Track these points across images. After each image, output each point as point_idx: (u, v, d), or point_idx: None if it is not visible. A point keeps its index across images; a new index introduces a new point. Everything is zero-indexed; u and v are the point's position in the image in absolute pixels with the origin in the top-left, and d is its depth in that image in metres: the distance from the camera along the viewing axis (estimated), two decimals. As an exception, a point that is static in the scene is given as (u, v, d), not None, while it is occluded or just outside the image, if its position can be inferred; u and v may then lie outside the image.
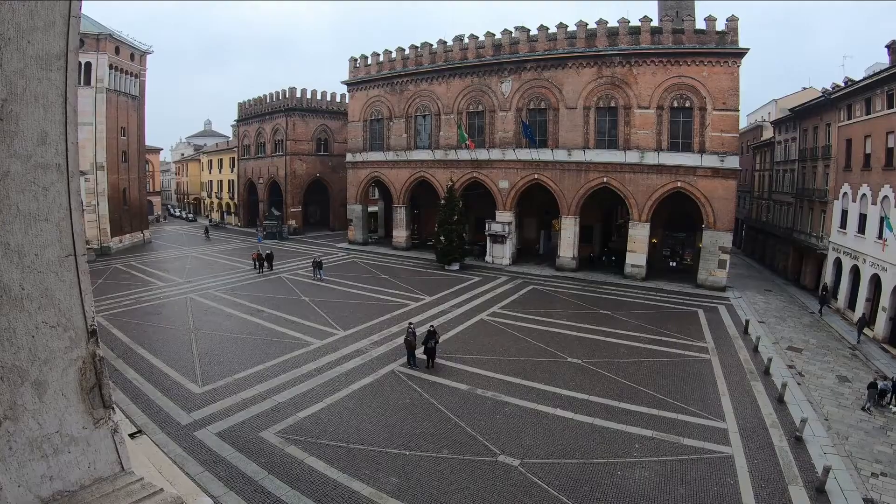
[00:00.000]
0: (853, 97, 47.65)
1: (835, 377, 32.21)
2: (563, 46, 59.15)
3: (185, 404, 24.74)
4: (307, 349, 32.87)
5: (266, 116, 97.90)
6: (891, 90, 40.83)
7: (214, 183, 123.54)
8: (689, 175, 54.16)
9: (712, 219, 53.41)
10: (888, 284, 39.40)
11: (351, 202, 79.36)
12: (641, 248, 57.45)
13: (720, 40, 52.35)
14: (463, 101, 66.21)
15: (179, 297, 46.05)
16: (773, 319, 45.32)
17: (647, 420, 24.65)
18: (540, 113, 61.62)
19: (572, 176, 59.58)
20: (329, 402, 25.47)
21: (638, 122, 56.04)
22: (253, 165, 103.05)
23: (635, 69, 55.79)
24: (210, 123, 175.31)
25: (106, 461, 3.40)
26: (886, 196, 40.37)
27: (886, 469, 21.78)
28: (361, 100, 76.40)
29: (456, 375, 29.33)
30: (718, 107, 52.96)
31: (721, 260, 53.93)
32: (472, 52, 64.96)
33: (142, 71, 79.10)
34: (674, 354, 34.33)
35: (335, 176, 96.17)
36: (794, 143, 65.17)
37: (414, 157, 70.84)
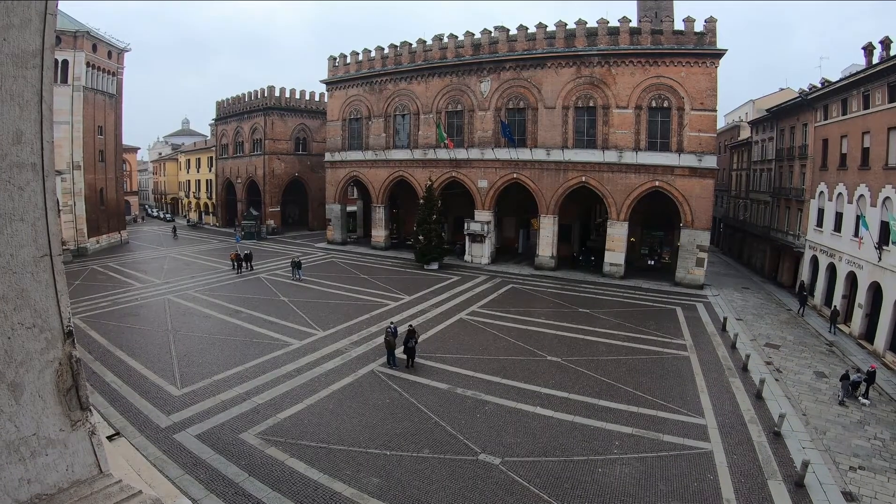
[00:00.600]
0: (830, 98, 48.18)
1: (812, 373, 32.51)
2: (542, 46, 59.19)
3: (164, 407, 24.33)
4: (286, 350, 32.51)
5: (244, 115, 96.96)
6: (867, 91, 41.27)
7: (192, 182, 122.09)
8: (667, 174, 54.48)
9: (690, 217, 53.72)
10: (864, 282, 39.84)
11: (329, 202, 78.77)
12: (620, 247, 57.64)
13: (698, 41, 52.68)
14: (442, 100, 66.04)
15: (157, 299, 45.36)
16: (751, 317, 45.70)
17: (627, 417, 24.70)
18: (519, 112, 61.62)
19: (551, 175, 59.63)
20: (309, 402, 25.20)
21: (616, 122, 56.23)
22: (231, 165, 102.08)
23: (614, 69, 55.95)
24: (188, 122, 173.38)
25: (84, 464, 3.34)
26: (862, 195, 40.85)
27: (864, 463, 21.96)
28: (340, 99, 75.94)
29: (436, 375, 29.19)
30: (696, 107, 53.30)
31: (699, 258, 54.27)
32: (452, 51, 64.82)
33: (119, 69, 77.81)
34: (653, 352, 34.45)
35: (314, 175, 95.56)
36: (772, 142, 65.83)
37: (393, 156, 70.51)
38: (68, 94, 65.42)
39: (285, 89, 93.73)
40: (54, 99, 3.11)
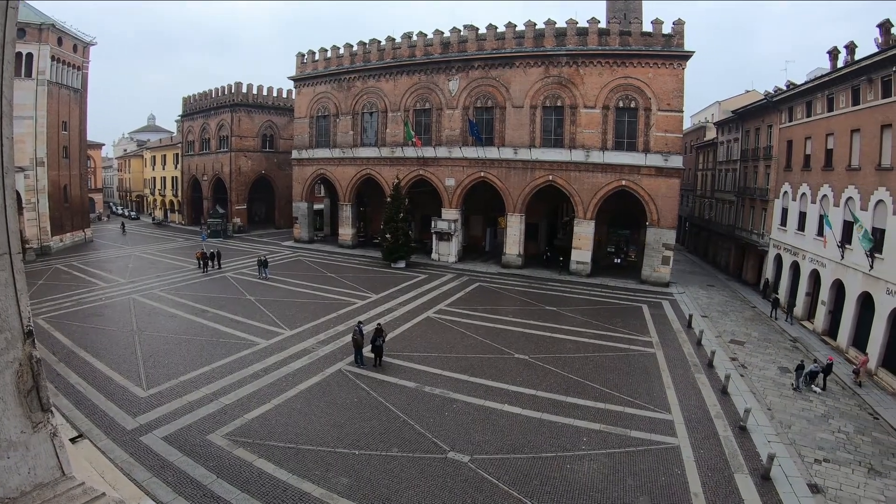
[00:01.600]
0: (795, 100, 48.95)
1: (776, 368, 32.91)
2: (511, 46, 59.21)
3: (130, 408, 23.72)
4: (253, 349, 31.99)
5: (211, 112, 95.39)
6: (831, 94, 42.02)
7: (158, 180, 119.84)
8: (634, 174, 54.90)
9: (656, 216, 54.21)
10: (827, 280, 40.55)
11: (297, 200, 77.87)
12: (586, 246, 57.92)
13: (666, 43, 53.19)
14: (410, 98, 65.67)
15: (122, 298, 44.30)
16: (716, 314, 46.19)
17: (595, 414, 24.74)
18: (487, 111, 61.53)
19: (518, 174, 59.70)
20: (277, 402, 24.78)
21: (584, 122, 56.45)
22: (197, 162, 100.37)
23: (582, 69, 56.15)
24: (154, 118, 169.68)
25: (46, 466, 3.05)
26: (825, 195, 41.57)
27: (829, 455, 22.22)
28: (308, 96, 75.14)
29: (404, 373, 28.96)
30: (663, 107, 53.81)
31: (665, 256, 54.83)
32: (421, 49, 64.52)
33: (85, 63, 75.70)
34: (619, 349, 34.59)
35: (281, 173, 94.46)
36: (737, 143, 66.72)
37: (360, 154, 69.91)
38: (32, 89, 63.48)
39: (252, 85, 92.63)
40: (18, 93, 2.77)
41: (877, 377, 31.92)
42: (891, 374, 30.93)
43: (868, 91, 36.12)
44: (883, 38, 35.20)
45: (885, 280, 32.05)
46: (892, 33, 34.76)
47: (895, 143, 32.57)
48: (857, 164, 37.09)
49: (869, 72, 35.51)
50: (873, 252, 33.24)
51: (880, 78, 34.45)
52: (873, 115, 35.30)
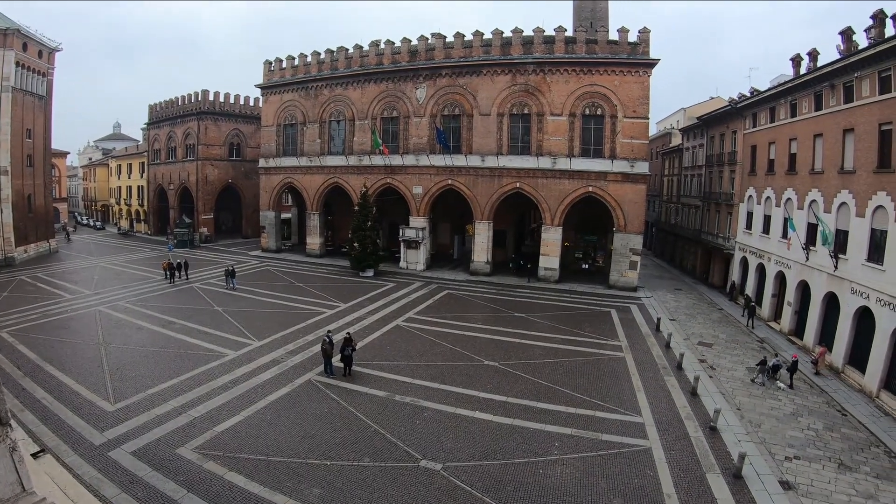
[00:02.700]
0: (758, 106, 49.77)
1: (745, 369, 33.16)
2: (478, 54, 59.35)
3: (98, 423, 23.08)
4: (221, 361, 31.43)
5: (178, 120, 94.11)
6: (794, 100, 42.84)
7: (123, 189, 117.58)
8: (601, 180, 55.25)
9: (623, 222, 54.60)
10: (792, 281, 41.18)
11: (264, 209, 77.00)
12: (554, 252, 58.14)
13: (632, 51, 53.81)
14: (378, 106, 65.36)
15: (88, 310, 43.30)
16: (684, 317, 46.58)
17: (566, 418, 24.73)
18: (454, 119, 61.49)
19: (486, 181, 59.71)
20: (246, 414, 24.29)
21: (551, 129, 56.74)
22: (163, 171, 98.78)
23: (549, 77, 56.49)
24: (119, 126, 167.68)
25: (5, 482, 2.70)
26: (789, 198, 42.28)
27: (799, 452, 22.43)
28: (275, 104, 74.39)
29: (374, 382, 28.63)
30: (629, 114, 54.32)
31: (632, 261, 55.24)
32: (388, 57, 64.26)
33: (50, 69, 73.91)
34: (589, 354, 34.68)
35: (248, 182, 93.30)
36: (702, 149, 67.69)
37: (328, 162, 69.37)
38: (-4, 95, 61.97)
39: (219, 93, 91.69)
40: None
41: (844, 374, 32.48)
42: (857, 371, 31.43)
43: (830, 96, 36.87)
44: (845, 45, 35.97)
45: (850, 280, 32.63)
46: (853, 40, 35.55)
47: (857, 147, 33.19)
48: (821, 167, 37.77)
49: (831, 78, 36.28)
50: (837, 253, 33.88)
51: (842, 84, 35.20)
52: (835, 120, 36.00)
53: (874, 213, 30.82)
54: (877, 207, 30.52)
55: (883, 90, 30.68)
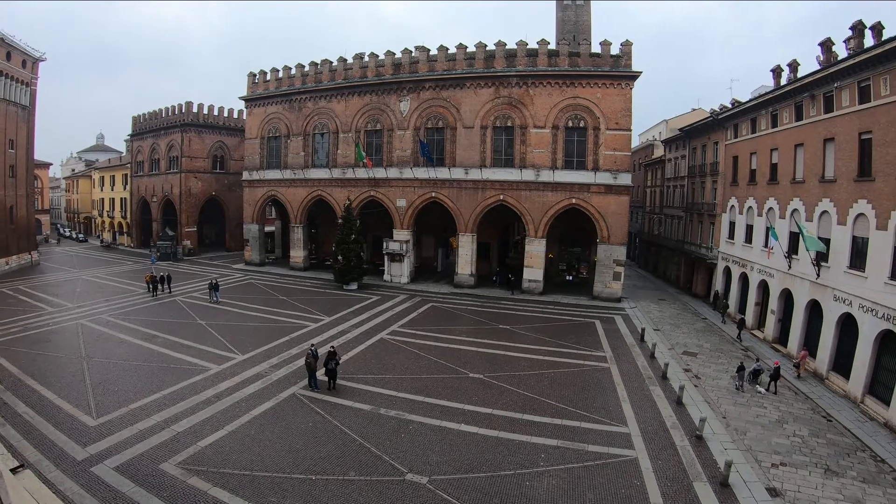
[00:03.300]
0: (740, 117, 50.32)
1: (729, 378, 33.25)
2: (461, 67, 59.46)
3: (80, 438, 22.64)
4: (205, 375, 31.01)
5: (161, 132, 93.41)
6: (775, 111, 43.36)
7: (106, 201, 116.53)
8: (584, 192, 55.43)
9: (606, 233, 54.77)
10: (776, 289, 41.53)
11: (247, 222, 76.52)
12: (538, 264, 58.15)
13: (614, 64, 54.16)
14: (361, 119, 65.31)
15: (70, 324, 42.66)
16: (668, 327, 46.75)
17: (552, 430, 24.59)
18: (438, 132, 61.52)
19: (469, 194, 59.69)
20: (230, 429, 23.94)
21: (534, 141, 56.91)
22: (147, 183, 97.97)
23: (532, 90, 56.74)
24: (102, 138, 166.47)
25: None
26: (771, 208, 42.79)
27: (786, 459, 22.52)
28: (259, 116, 74.15)
29: (358, 396, 28.33)
30: (612, 127, 54.60)
31: (616, 272, 55.37)
32: (372, 70, 64.28)
33: (33, 79, 73.13)
34: (574, 365, 34.56)
35: (231, 195, 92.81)
36: (684, 160, 68.31)
37: (311, 175, 69.14)
38: (-22, 105, 61.29)
39: (203, 105, 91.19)
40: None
41: (828, 381, 32.78)
42: (842, 377, 31.73)
43: (811, 107, 37.35)
44: (825, 57, 36.48)
45: (832, 287, 32.99)
46: (833, 51, 36.05)
47: (837, 157, 33.64)
48: (802, 177, 38.20)
49: (811, 88, 36.79)
50: (819, 261, 34.20)
51: (822, 94, 35.72)
52: (816, 130, 36.47)
53: (855, 221, 31.23)
54: (858, 215, 30.93)
55: (862, 100, 31.16)
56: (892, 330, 27.31)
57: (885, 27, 30.16)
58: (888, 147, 28.48)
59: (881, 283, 28.41)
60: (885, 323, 27.79)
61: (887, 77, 28.74)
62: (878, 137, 29.52)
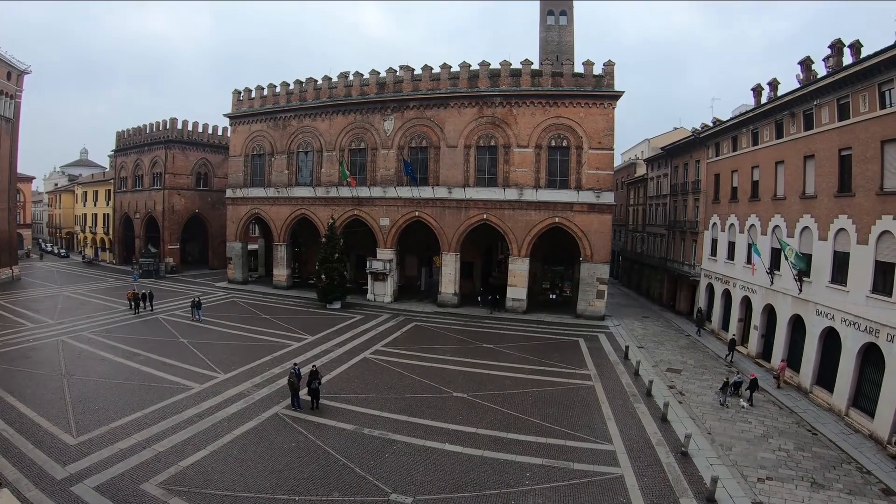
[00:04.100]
0: (721, 136, 50.95)
1: (714, 393, 33.22)
2: (445, 86, 59.79)
3: (60, 457, 22.15)
4: (187, 394, 30.54)
5: (145, 148, 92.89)
6: (756, 129, 43.98)
7: (89, 216, 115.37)
8: (567, 211, 55.64)
9: (589, 252, 54.93)
10: (758, 305, 41.78)
11: (230, 239, 76.03)
12: (521, 282, 58.14)
13: (597, 83, 54.71)
14: (345, 138, 65.31)
15: (50, 340, 42.12)
16: (652, 344, 46.81)
17: (537, 448, 24.41)
18: (421, 151, 61.61)
19: (453, 213, 59.71)
20: (212, 448, 23.49)
21: (517, 161, 57.14)
22: (130, 199, 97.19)
23: (515, 109, 57.10)
24: (86, 152, 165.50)
25: None
26: (753, 225, 43.17)
27: (772, 473, 22.47)
28: (244, 134, 73.94)
29: (342, 415, 27.96)
30: (594, 146, 54.98)
31: (599, 290, 55.50)
32: (357, 89, 64.44)
33: (18, 92, 72.47)
34: (558, 383, 34.45)
35: (215, 212, 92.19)
36: (666, 178, 68.94)
37: (295, 193, 68.97)
38: (-40, 118, 60.57)
39: (188, 122, 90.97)
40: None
41: (812, 394, 32.97)
42: (826, 390, 31.95)
43: (791, 124, 37.88)
44: (804, 75, 37.10)
45: (815, 302, 33.27)
46: (812, 69, 36.65)
47: (818, 173, 34.08)
48: (783, 193, 38.63)
49: (791, 106, 37.35)
50: (802, 276, 34.48)
51: (802, 112, 36.28)
52: (796, 147, 36.94)
53: (836, 237, 31.59)
54: (839, 230, 31.29)
55: (842, 117, 31.66)
56: (875, 343, 27.48)
57: (863, 45, 30.68)
58: (868, 163, 28.88)
59: (863, 296, 28.72)
60: (868, 336, 28.01)
61: (866, 94, 29.23)
62: (857, 153, 29.96)
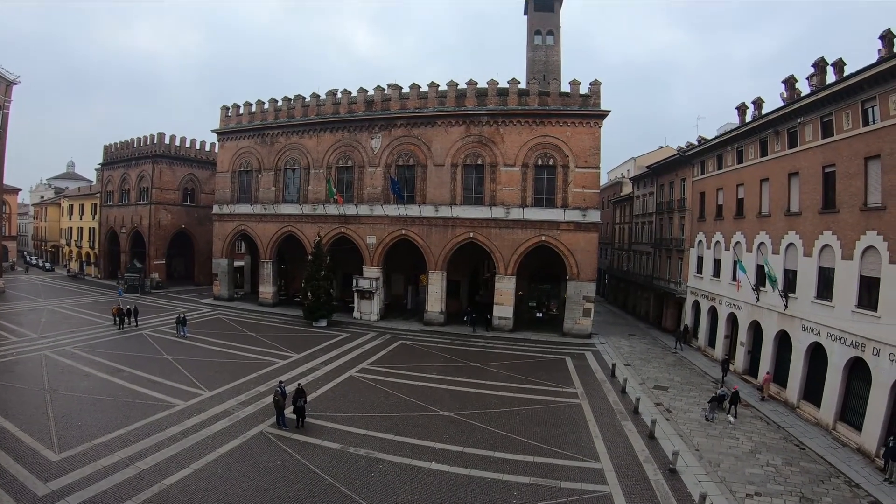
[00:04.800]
0: (706, 154, 51.53)
1: (701, 410, 33.25)
2: (433, 105, 59.99)
3: (42, 473, 21.79)
4: (171, 411, 30.14)
5: (132, 162, 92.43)
6: (740, 147, 44.53)
7: (74, 230, 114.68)
8: (553, 229, 55.75)
9: (576, 270, 54.94)
10: (744, 321, 41.99)
11: (217, 256, 75.38)
12: (508, 301, 57.99)
13: (583, 103, 55.13)
14: (333, 155, 65.26)
15: (33, 354, 41.63)
16: (639, 361, 46.79)
17: (524, 467, 24.26)
18: (408, 169, 61.64)
19: (439, 231, 59.64)
20: (196, 467, 23.14)
21: (504, 179, 57.27)
22: (116, 213, 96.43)
23: (502, 128, 57.34)
24: (73, 165, 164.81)
25: None
26: (738, 242, 43.60)
27: (760, 489, 22.42)
28: (231, 150, 73.68)
29: (327, 434, 27.67)
30: (580, 165, 55.23)
31: (585, 309, 55.41)
32: (345, 107, 64.52)
33: (6, 102, 71.57)
34: (545, 401, 34.29)
35: (201, 228, 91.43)
36: (652, 197, 69.47)
37: (282, 210, 68.68)
38: (-52, 127, 59.82)
39: (175, 137, 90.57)
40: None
41: (800, 409, 33.16)
42: (813, 405, 32.11)
43: (775, 142, 38.40)
44: (788, 93, 37.61)
45: (800, 317, 33.54)
46: (796, 88, 37.17)
47: (802, 190, 34.52)
48: (768, 211, 39.04)
49: (776, 124, 37.90)
50: (787, 292, 34.74)
51: (786, 130, 36.84)
52: (780, 165, 37.43)
53: (821, 253, 31.97)
54: (823, 246, 31.71)
55: (825, 134, 32.17)
56: (861, 357, 27.71)
57: (846, 63, 31.11)
58: (851, 179, 29.29)
59: (848, 311, 29.04)
60: (854, 350, 28.27)
61: (849, 111, 29.75)
62: (841, 170, 30.42)
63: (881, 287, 26.93)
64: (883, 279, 26.83)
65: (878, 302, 26.95)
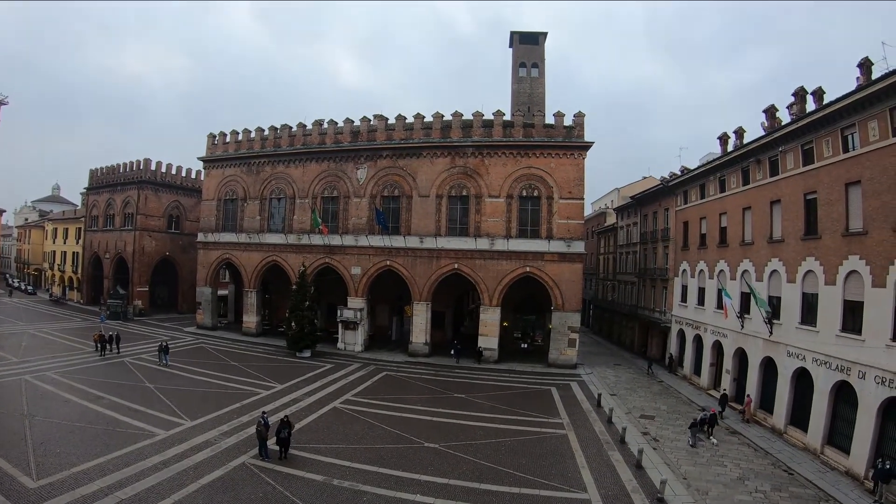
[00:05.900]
0: (689, 184, 52.12)
1: (688, 438, 32.92)
2: (418, 136, 60.33)
3: (19, 500, 21.24)
4: (152, 440, 29.46)
5: (118, 187, 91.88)
6: (723, 176, 45.10)
7: (58, 254, 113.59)
8: (538, 260, 55.79)
9: (560, 301, 54.88)
10: (729, 349, 42.15)
11: (201, 284, 74.72)
12: (493, 332, 57.73)
13: (567, 134, 55.64)
14: (318, 185, 65.29)
15: (13, 379, 40.98)
16: (625, 391, 46.61)
17: (510, 499, 23.91)
18: (394, 200, 61.68)
19: (424, 262, 59.53)
20: (177, 498, 22.51)
21: (488, 211, 57.43)
22: (100, 238, 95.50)
23: (487, 160, 57.67)
24: (58, 188, 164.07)
25: None
26: (722, 270, 43.87)
27: (749, 515, 21.97)
28: (217, 178, 73.45)
29: (311, 466, 27.15)
30: (565, 196, 55.55)
31: (570, 339, 55.26)
32: (331, 137, 64.71)
33: None
34: (531, 433, 33.96)
35: (185, 256, 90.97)
36: (636, 227, 70.02)
37: (267, 240, 68.36)
38: (-69, 147, 59.34)
39: (161, 163, 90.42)
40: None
41: (787, 435, 33.16)
42: (800, 430, 32.10)
43: (757, 171, 38.98)
44: (769, 123, 38.28)
45: (785, 343, 33.69)
46: (777, 117, 37.76)
47: (784, 217, 34.97)
48: (751, 238, 39.48)
49: (757, 153, 38.53)
50: (772, 318, 34.89)
51: (768, 158, 37.44)
52: (762, 193, 37.92)
53: (804, 278, 32.27)
54: (807, 272, 32.04)
55: (806, 162, 32.71)
56: (847, 380, 27.83)
57: (825, 92, 31.75)
58: (833, 205, 29.73)
59: (833, 335, 29.27)
60: (839, 374, 28.41)
61: (829, 139, 30.30)
62: (822, 197, 30.91)
63: (865, 310, 27.19)
64: (866, 303, 27.11)
65: (863, 325, 27.16)
